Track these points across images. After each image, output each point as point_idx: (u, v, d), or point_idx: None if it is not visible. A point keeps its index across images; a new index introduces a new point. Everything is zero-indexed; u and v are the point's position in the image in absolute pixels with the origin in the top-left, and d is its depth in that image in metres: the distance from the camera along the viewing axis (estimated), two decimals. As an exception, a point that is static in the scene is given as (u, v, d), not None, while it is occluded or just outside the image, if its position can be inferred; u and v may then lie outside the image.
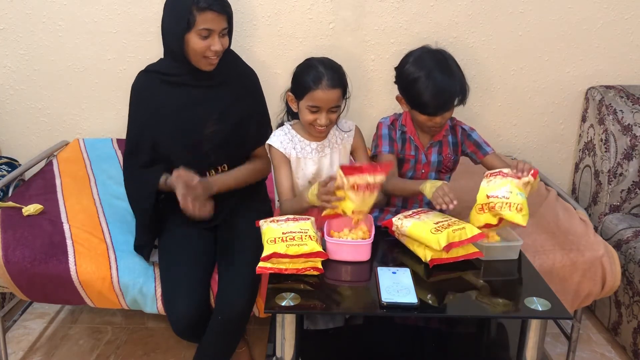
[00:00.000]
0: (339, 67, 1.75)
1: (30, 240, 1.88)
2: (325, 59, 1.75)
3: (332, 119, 1.73)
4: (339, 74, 1.73)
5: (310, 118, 1.72)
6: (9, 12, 2.46)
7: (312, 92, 1.68)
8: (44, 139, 2.62)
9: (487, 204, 1.55)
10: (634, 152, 2.34)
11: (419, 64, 1.71)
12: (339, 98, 1.72)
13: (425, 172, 1.84)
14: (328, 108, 1.70)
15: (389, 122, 1.85)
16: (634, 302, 2.09)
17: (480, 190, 1.59)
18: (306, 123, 1.74)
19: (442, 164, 1.84)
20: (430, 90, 1.66)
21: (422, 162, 1.83)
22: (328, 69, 1.70)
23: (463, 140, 1.85)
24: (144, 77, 1.86)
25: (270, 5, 2.46)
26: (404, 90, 1.75)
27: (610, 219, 2.34)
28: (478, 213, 1.57)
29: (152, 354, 2.16)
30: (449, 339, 1.76)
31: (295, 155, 1.79)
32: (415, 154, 1.82)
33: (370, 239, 1.56)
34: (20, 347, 2.18)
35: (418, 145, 1.82)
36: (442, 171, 1.86)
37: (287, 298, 1.39)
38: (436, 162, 1.83)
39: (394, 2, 2.47)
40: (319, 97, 1.68)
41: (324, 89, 1.68)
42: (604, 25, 2.50)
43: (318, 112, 1.71)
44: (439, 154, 1.83)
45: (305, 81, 1.70)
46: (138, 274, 1.81)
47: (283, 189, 1.78)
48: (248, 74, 1.95)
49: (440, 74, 1.67)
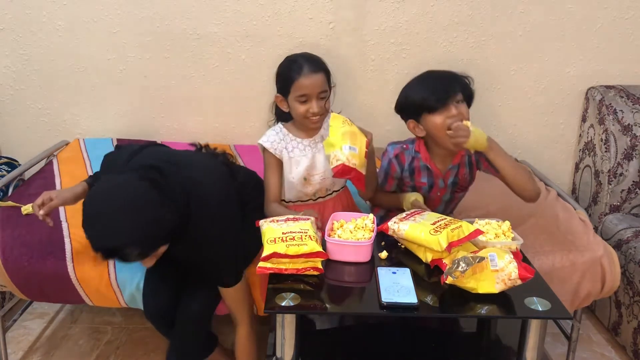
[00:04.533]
0: (318, 57, 1.78)
1: (29, 239, 1.88)
2: (301, 52, 1.78)
3: (322, 106, 1.74)
4: (317, 60, 1.75)
5: (302, 109, 1.73)
6: (9, 12, 2.46)
7: (296, 82, 1.71)
8: (44, 139, 2.62)
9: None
10: (634, 152, 2.34)
11: (411, 84, 1.76)
12: (324, 82, 1.73)
13: (441, 194, 1.84)
14: (316, 94, 1.71)
15: (393, 155, 1.81)
16: (634, 302, 2.09)
17: None
18: (300, 117, 1.75)
19: (457, 184, 1.83)
20: (427, 82, 1.70)
21: (439, 187, 1.81)
22: (306, 58, 1.74)
23: (478, 158, 1.81)
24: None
25: (270, 5, 2.46)
26: (410, 109, 1.73)
27: (610, 219, 2.34)
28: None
29: (152, 354, 2.16)
30: (449, 339, 1.76)
31: (287, 155, 1.80)
32: (429, 180, 1.80)
33: (371, 239, 1.56)
34: (20, 347, 2.18)
35: (435, 171, 1.79)
36: (457, 191, 1.85)
37: (287, 298, 1.39)
38: (452, 184, 1.82)
39: (394, 2, 2.47)
40: (304, 84, 1.70)
41: (307, 74, 1.70)
42: (604, 25, 2.50)
43: (308, 101, 1.72)
44: (456, 177, 1.82)
45: (287, 75, 1.73)
46: (135, 270, 1.82)
47: (270, 190, 1.80)
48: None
49: (430, 72, 1.75)
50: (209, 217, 1.55)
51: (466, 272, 1.37)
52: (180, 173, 1.54)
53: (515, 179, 1.69)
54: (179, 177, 1.52)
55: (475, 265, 1.38)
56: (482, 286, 1.39)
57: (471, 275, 1.39)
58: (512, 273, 1.38)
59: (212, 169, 1.67)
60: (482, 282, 1.39)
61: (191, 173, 1.57)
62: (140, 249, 1.43)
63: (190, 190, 1.52)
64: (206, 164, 1.70)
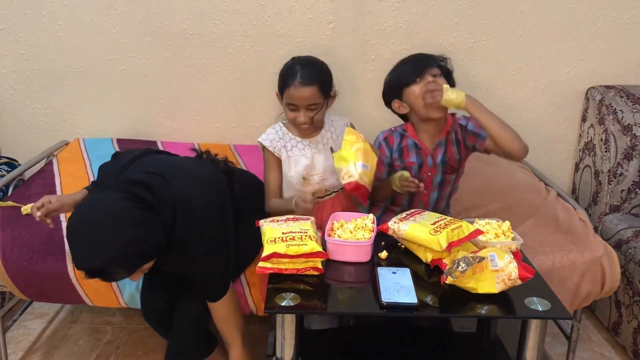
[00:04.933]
0: (320, 64, 1.77)
1: (28, 239, 1.88)
2: (306, 57, 1.78)
3: (311, 117, 1.73)
4: (315, 71, 1.74)
5: (291, 116, 1.75)
6: (9, 12, 2.46)
7: (287, 89, 1.72)
8: (44, 139, 2.62)
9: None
10: (634, 152, 2.34)
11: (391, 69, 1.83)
12: (315, 95, 1.72)
13: (432, 174, 1.83)
14: (305, 106, 1.71)
15: (382, 138, 1.85)
16: (634, 302, 2.09)
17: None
18: (290, 121, 1.77)
19: (447, 164, 1.84)
20: (404, 61, 1.79)
21: (428, 165, 1.82)
22: (303, 67, 1.73)
23: (464, 135, 1.84)
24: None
25: (270, 5, 2.46)
26: (391, 89, 1.80)
27: (610, 219, 2.34)
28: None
29: (152, 354, 2.15)
30: (449, 339, 1.76)
31: (286, 154, 1.80)
32: (418, 159, 1.81)
33: (371, 239, 1.56)
34: (20, 347, 2.18)
35: (423, 148, 1.81)
36: (447, 172, 1.85)
37: (287, 298, 1.39)
38: (441, 163, 1.83)
39: (394, 2, 2.47)
40: (292, 94, 1.71)
41: (296, 86, 1.71)
42: (604, 25, 2.50)
43: (297, 110, 1.73)
44: (445, 155, 1.82)
45: (282, 79, 1.75)
46: (135, 271, 1.82)
47: (270, 188, 1.81)
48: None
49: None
50: (196, 235, 1.54)
51: (466, 272, 1.37)
52: (169, 187, 1.53)
53: (501, 135, 1.67)
54: (167, 193, 1.51)
55: (475, 265, 1.38)
56: (482, 286, 1.39)
57: (471, 275, 1.39)
58: (512, 273, 1.38)
59: (203, 181, 1.64)
60: (482, 282, 1.39)
61: (180, 186, 1.55)
62: (123, 269, 1.43)
63: (177, 206, 1.51)
64: (198, 175, 1.66)
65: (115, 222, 1.40)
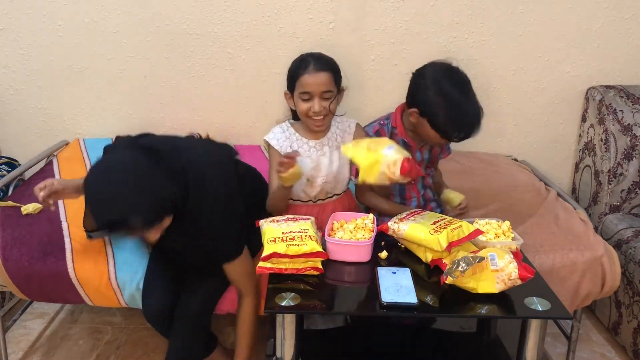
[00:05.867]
0: (329, 57, 1.77)
1: (29, 238, 1.88)
2: (316, 53, 1.77)
3: (326, 107, 1.72)
4: (326, 59, 1.74)
5: (305, 107, 1.72)
6: (9, 12, 2.46)
7: (300, 78, 1.71)
8: (44, 139, 2.62)
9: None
10: (634, 152, 2.34)
11: (442, 92, 1.66)
12: (329, 82, 1.71)
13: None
14: (319, 93, 1.70)
15: (373, 132, 1.83)
16: (634, 302, 2.09)
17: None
18: (303, 115, 1.75)
19: (429, 160, 1.88)
20: (459, 117, 1.66)
21: (416, 160, 1.83)
22: (315, 56, 1.74)
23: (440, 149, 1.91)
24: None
25: (270, 5, 2.46)
26: (425, 112, 1.69)
27: (610, 219, 2.34)
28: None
29: (152, 354, 2.16)
30: (449, 339, 1.76)
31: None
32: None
33: (371, 239, 1.56)
34: (20, 347, 2.18)
35: (410, 144, 1.81)
36: (427, 166, 1.90)
37: (287, 298, 1.39)
38: (426, 159, 1.86)
39: (394, 2, 2.47)
40: (307, 81, 1.70)
41: (310, 72, 1.70)
42: (604, 25, 2.50)
43: (310, 100, 1.71)
44: (430, 152, 1.86)
45: (294, 71, 1.74)
46: (135, 269, 1.82)
47: (273, 186, 1.80)
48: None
49: (465, 99, 1.67)
50: (207, 196, 1.55)
51: (466, 272, 1.37)
52: (179, 156, 1.54)
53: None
54: (178, 160, 1.52)
55: (475, 265, 1.38)
56: (482, 286, 1.40)
57: (471, 275, 1.39)
58: (512, 273, 1.38)
59: (212, 153, 1.67)
60: (482, 282, 1.40)
61: (190, 156, 1.57)
62: (144, 219, 1.42)
63: (188, 171, 1.52)
64: (207, 149, 1.70)
65: (134, 173, 1.41)
